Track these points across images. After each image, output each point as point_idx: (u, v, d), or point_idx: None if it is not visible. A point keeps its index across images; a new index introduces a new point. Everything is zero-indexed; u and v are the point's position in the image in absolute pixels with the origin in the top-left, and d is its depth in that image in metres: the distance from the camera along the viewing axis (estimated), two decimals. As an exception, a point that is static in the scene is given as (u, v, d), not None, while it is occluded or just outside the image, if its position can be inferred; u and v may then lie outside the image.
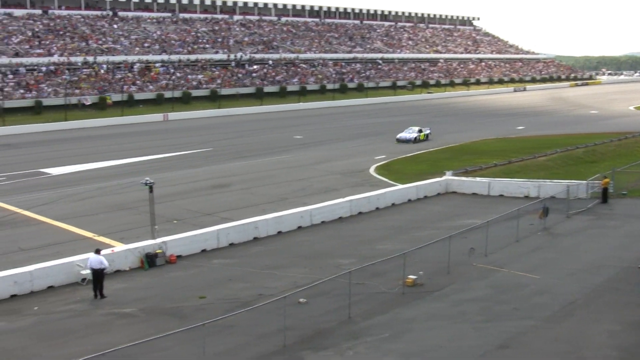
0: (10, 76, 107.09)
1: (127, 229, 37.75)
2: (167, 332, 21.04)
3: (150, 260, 31.24)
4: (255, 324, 23.39)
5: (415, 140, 73.33)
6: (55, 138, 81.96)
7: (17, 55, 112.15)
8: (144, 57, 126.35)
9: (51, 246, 34.64)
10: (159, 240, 32.33)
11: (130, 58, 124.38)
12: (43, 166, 60.12)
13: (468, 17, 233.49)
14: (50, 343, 22.88)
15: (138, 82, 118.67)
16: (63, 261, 29.43)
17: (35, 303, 26.87)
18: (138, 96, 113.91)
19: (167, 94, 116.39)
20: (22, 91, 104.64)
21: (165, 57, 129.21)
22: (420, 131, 75.54)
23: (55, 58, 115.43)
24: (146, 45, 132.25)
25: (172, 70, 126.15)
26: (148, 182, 32.92)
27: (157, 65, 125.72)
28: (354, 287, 24.99)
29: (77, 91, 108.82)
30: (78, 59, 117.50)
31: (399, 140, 73.73)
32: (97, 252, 27.80)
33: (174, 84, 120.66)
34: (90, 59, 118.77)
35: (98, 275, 27.07)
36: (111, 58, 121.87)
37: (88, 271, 27.75)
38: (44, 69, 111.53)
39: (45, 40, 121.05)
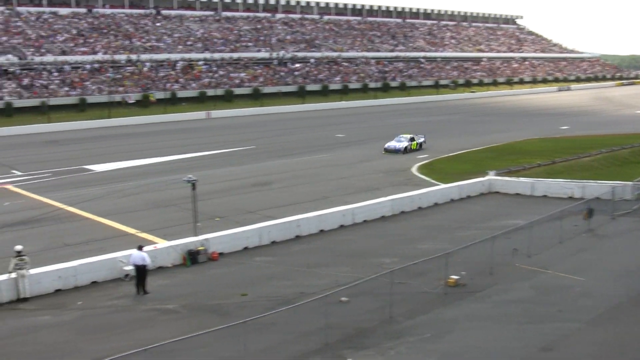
0: (56, 74, 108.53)
1: (169, 225, 37.99)
2: (209, 328, 21.07)
3: (192, 257, 31.36)
4: (296, 322, 23.34)
5: (406, 151, 65.73)
6: (99, 135, 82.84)
7: (63, 53, 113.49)
8: (187, 55, 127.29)
9: (95, 242, 35.01)
10: (201, 237, 32.45)
11: (173, 56, 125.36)
12: (87, 163, 60.78)
13: (511, 16, 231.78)
14: (94, 337, 23.08)
15: (181, 80, 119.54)
16: (106, 257, 29.69)
17: (79, 298, 27.14)
18: (181, 94, 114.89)
19: (210, 92, 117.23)
20: (67, 89, 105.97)
21: (207, 55, 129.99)
22: (412, 139, 67.56)
23: (99, 56, 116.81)
24: (189, 43, 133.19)
25: (214, 69, 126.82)
26: (191, 179, 33.06)
27: (199, 63, 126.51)
28: (395, 286, 24.80)
29: (120, 89, 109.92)
30: (122, 57, 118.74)
31: (387, 150, 66.21)
32: (140, 248, 28.00)
33: (216, 82, 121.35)
34: (133, 57, 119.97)
35: (141, 272, 27.25)
36: (154, 56, 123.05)
37: (131, 267, 27.96)
38: (88, 66, 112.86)
39: (89, 38, 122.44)
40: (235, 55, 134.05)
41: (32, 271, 27.18)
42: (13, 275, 26.59)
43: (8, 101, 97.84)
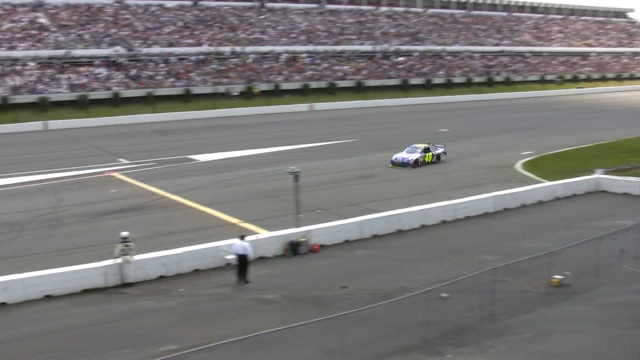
0: (162, 65, 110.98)
1: (271, 216, 38.30)
2: (309, 319, 21.17)
3: (293, 248, 31.56)
4: (396, 317, 23.18)
5: (417, 164, 55.36)
6: (203, 125, 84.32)
7: (169, 45, 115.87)
8: (291, 48, 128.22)
9: (198, 230, 35.60)
10: (303, 228, 32.63)
11: (277, 48, 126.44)
12: (191, 152, 61.91)
13: (622, 9, 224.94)
14: (195, 323, 23.51)
15: (284, 72, 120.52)
16: (209, 245, 30.20)
17: (181, 285, 27.67)
18: (284, 86, 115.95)
19: (313, 85, 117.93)
20: (172, 80, 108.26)
21: (311, 47, 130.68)
22: (426, 150, 57.09)
23: (204, 48, 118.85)
24: (293, 35, 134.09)
25: (318, 61, 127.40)
26: (293, 170, 33.25)
27: (303, 55, 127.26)
28: (497, 284, 24.37)
29: (225, 80, 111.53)
30: (226, 49, 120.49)
31: (394, 163, 55.60)
32: (242, 238, 28.34)
33: (319, 75, 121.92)
34: (238, 49, 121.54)
35: (242, 261, 27.56)
36: (258, 48, 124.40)
37: (233, 256, 28.30)
38: (193, 58, 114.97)
39: (195, 30, 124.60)
40: (338, 48, 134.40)
41: (137, 257, 27.89)
42: (119, 260, 27.34)
43: (116, 91, 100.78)
